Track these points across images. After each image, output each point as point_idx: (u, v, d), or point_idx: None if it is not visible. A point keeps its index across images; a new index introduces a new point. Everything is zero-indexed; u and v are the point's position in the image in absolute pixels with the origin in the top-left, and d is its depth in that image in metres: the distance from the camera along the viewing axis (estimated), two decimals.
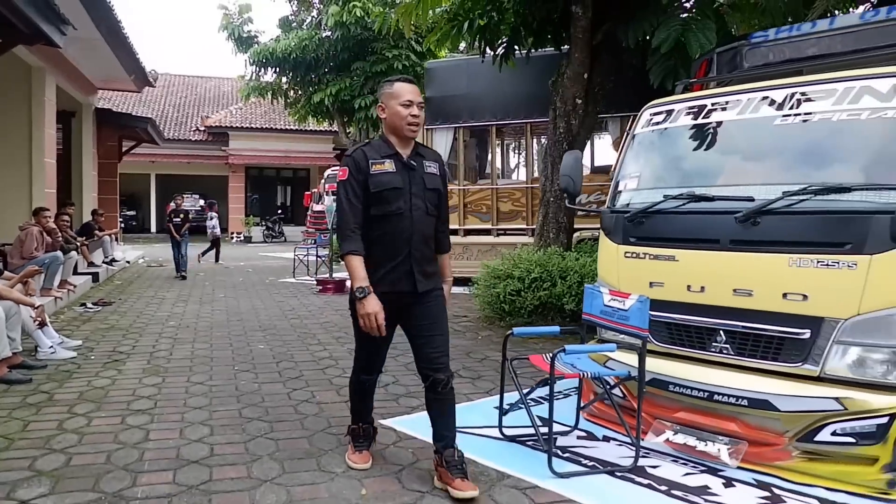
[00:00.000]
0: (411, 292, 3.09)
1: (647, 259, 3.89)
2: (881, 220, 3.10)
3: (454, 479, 2.99)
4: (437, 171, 3.22)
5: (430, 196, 3.15)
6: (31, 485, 3.07)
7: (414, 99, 3.11)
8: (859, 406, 3.09)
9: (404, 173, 3.09)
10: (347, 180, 3.08)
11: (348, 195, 3.06)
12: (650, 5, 6.47)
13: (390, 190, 3.05)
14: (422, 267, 3.11)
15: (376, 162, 3.07)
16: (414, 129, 3.12)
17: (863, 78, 3.45)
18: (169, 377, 5.09)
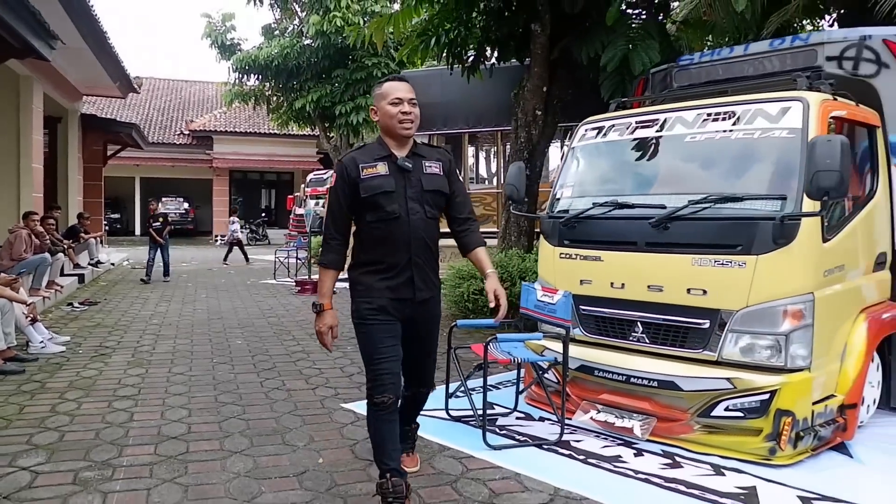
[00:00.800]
0: (411, 300, 2.97)
1: (578, 259, 4.39)
2: (766, 226, 3.62)
3: (401, 454, 3.16)
4: (440, 170, 3.04)
5: (431, 198, 2.98)
6: (29, 456, 3.52)
7: (404, 96, 2.95)
8: (746, 385, 3.62)
9: (398, 176, 2.93)
10: (335, 187, 3.00)
11: (333, 203, 3.01)
12: (601, 25, 6.98)
13: (382, 194, 2.90)
14: (423, 274, 2.97)
15: (367, 166, 2.93)
16: (406, 128, 2.95)
17: (757, 102, 3.98)
18: (152, 368, 5.54)
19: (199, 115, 29.26)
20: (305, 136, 26.25)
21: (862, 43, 4.46)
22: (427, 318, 3.09)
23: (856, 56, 4.47)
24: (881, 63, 4.42)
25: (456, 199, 3.11)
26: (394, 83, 3.03)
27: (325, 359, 5.86)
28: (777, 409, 3.54)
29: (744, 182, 3.91)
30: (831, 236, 3.79)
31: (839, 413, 3.83)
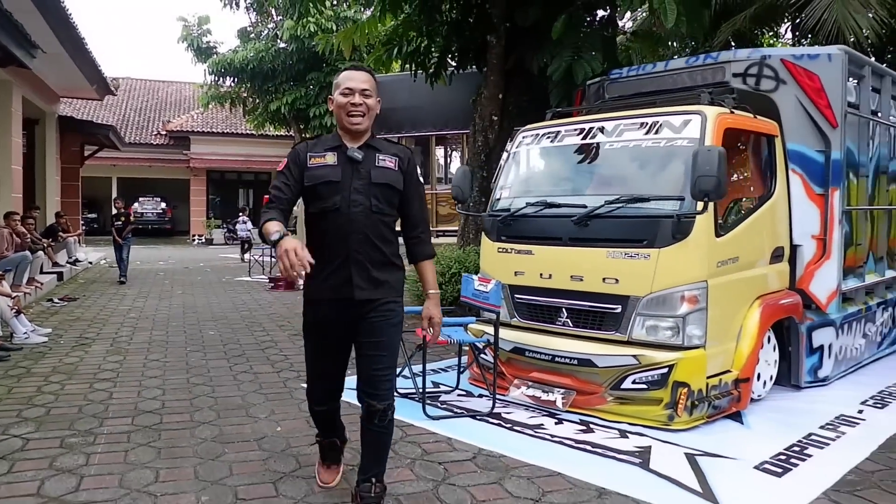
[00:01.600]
0: (351, 300, 2.79)
1: (513, 253, 4.93)
2: (666, 223, 4.18)
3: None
4: (395, 165, 2.87)
5: (378, 192, 2.80)
6: (20, 426, 3.99)
7: (355, 87, 2.80)
8: (649, 361, 4.18)
9: (346, 167, 2.79)
10: (283, 171, 2.87)
11: (277, 185, 2.83)
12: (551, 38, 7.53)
13: (324, 184, 2.78)
14: (364, 272, 2.78)
15: (316, 155, 2.83)
16: (355, 121, 2.79)
17: (664, 115, 4.55)
18: (129, 356, 6.00)
19: (176, 116, 29.50)
20: (282, 137, 26.59)
21: (763, 62, 5.06)
22: (375, 322, 2.83)
23: (757, 73, 5.06)
24: (779, 80, 5.02)
25: (411, 200, 2.94)
26: (349, 72, 2.87)
27: (291, 346, 6.36)
28: (674, 382, 4.10)
29: (651, 185, 4.47)
30: (725, 232, 4.37)
31: (734, 386, 4.40)
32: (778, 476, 3.44)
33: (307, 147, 2.89)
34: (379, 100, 2.91)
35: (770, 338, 4.84)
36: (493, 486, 3.24)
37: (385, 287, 2.86)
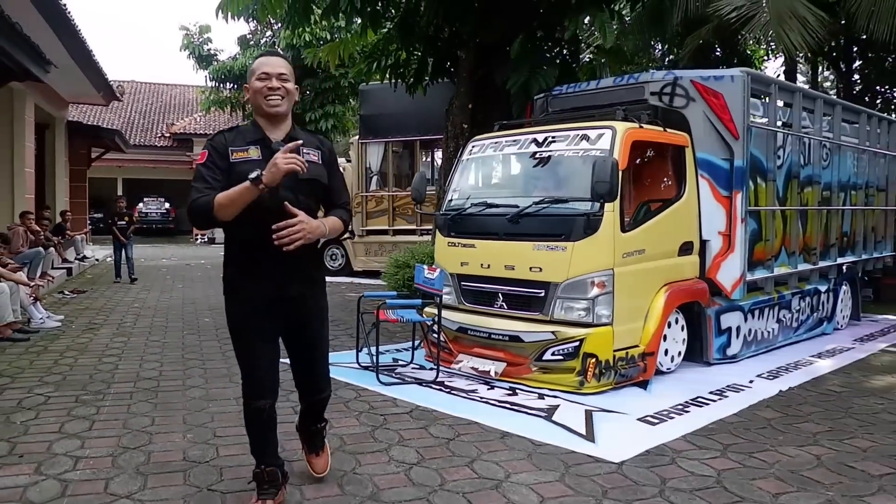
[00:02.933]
0: (281, 296, 2.79)
1: (460, 247, 5.75)
2: (579, 220, 5.00)
3: (310, 454, 3.24)
4: (318, 158, 2.84)
5: (305, 187, 2.76)
6: (42, 388, 4.84)
7: (272, 71, 2.74)
8: (564, 336, 5.00)
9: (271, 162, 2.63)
10: (205, 164, 2.70)
11: (203, 177, 2.68)
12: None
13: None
14: (294, 268, 2.78)
15: (238, 150, 2.71)
16: (274, 104, 2.73)
17: (583, 128, 5.37)
18: (133, 338, 6.85)
19: (179, 118, 30.38)
20: None
21: (675, 82, 5.88)
22: (306, 316, 2.90)
23: (671, 92, 5.88)
24: (689, 98, 5.84)
25: (335, 190, 2.95)
26: (264, 58, 2.83)
27: None
28: (584, 353, 4.92)
29: (570, 188, 5.28)
30: (631, 228, 5.19)
31: (641, 359, 5.22)
32: (652, 425, 4.27)
33: (226, 140, 2.75)
34: (297, 87, 2.88)
35: (678, 319, 5.66)
36: (419, 430, 4.07)
37: (315, 283, 2.94)
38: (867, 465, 3.57)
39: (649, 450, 3.76)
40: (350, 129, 19.98)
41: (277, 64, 2.79)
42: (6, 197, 11.70)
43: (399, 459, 3.57)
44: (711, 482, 3.31)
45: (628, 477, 3.37)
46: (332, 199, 2.96)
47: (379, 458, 3.58)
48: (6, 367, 5.45)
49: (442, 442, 3.86)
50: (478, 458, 3.61)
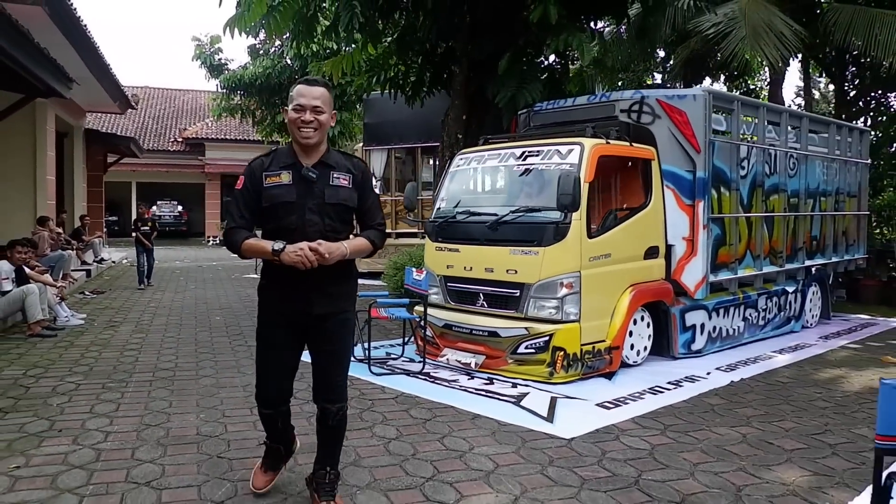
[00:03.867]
0: (308, 314, 2.91)
1: (446, 251, 6.33)
2: (549, 228, 5.57)
3: (320, 502, 3.05)
4: (349, 182, 2.92)
5: (332, 211, 2.88)
6: (72, 377, 5.46)
7: (307, 103, 2.83)
8: (535, 331, 5.57)
9: (300, 186, 2.85)
10: (241, 191, 2.92)
11: (238, 205, 2.92)
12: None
13: (281, 204, 2.84)
14: (320, 288, 2.88)
15: (271, 174, 2.87)
16: (306, 136, 2.84)
17: (556, 144, 5.94)
18: (150, 334, 7.48)
19: (191, 124, 31.15)
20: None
21: (642, 101, 6.44)
22: (330, 333, 2.98)
23: (638, 110, 6.45)
24: (655, 115, 6.40)
25: (364, 209, 3.02)
26: (301, 87, 2.90)
27: None
28: (553, 347, 5.49)
29: (543, 199, 5.84)
30: (598, 234, 5.76)
31: (607, 353, 5.78)
32: (608, 409, 4.84)
33: (262, 165, 2.92)
34: (334, 113, 2.97)
35: (644, 317, 6.22)
36: (401, 412, 4.66)
37: (340, 299, 3.00)
38: (784, 441, 4.13)
39: (598, 429, 4.33)
40: (357, 134, 20.59)
41: (313, 95, 2.86)
42: (29, 203, 12.39)
43: (381, 435, 4.16)
44: (644, 454, 3.88)
45: (574, 450, 3.94)
46: (364, 220, 3.05)
47: (363, 434, 4.17)
48: (39, 360, 6.09)
49: (419, 422, 4.45)
50: (448, 434, 4.19)
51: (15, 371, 5.66)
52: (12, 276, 7.29)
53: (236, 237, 2.90)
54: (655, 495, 3.30)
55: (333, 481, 3.07)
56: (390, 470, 3.61)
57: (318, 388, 3.06)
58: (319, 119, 2.85)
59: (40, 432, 4.11)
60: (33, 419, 4.37)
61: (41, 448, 3.84)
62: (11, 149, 12.17)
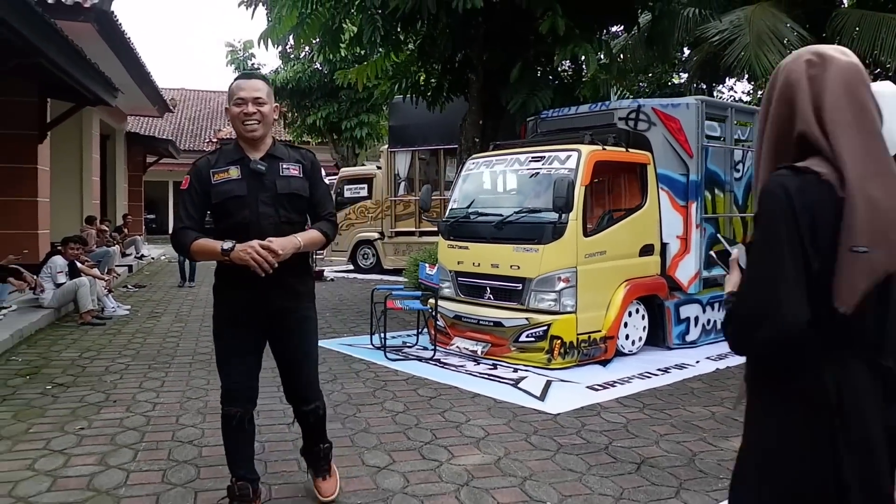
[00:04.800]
0: (263, 310, 2.84)
1: (457, 248, 6.91)
2: (548, 227, 6.11)
3: (316, 479, 3.18)
4: (299, 172, 2.90)
5: (286, 202, 2.85)
6: (121, 360, 6.16)
7: (247, 96, 2.80)
8: (535, 321, 6.12)
9: (251, 179, 2.81)
10: (188, 191, 2.85)
11: (185, 205, 2.85)
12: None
13: (232, 199, 2.79)
14: (277, 282, 2.75)
15: (219, 171, 2.81)
16: (251, 130, 2.80)
17: (556, 150, 6.47)
18: (189, 324, 8.19)
19: (225, 125, 32.10)
20: (320, 144, 28.94)
21: (638, 109, 6.94)
22: (290, 329, 2.94)
23: (635, 118, 6.95)
24: (651, 122, 6.89)
25: (319, 200, 3.00)
26: (239, 81, 2.87)
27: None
28: (551, 336, 6.03)
29: (542, 201, 6.38)
30: (594, 233, 6.27)
31: (602, 342, 6.30)
32: (596, 391, 5.36)
33: (209, 163, 2.86)
34: (276, 106, 2.94)
35: (639, 309, 6.72)
36: (410, 391, 5.25)
37: (300, 296, 2.95)
38: None
39: (583, 406, 4.87)
40: (383, 136, 21.27)
41: (253, 88, 2.83)
42: (76, 202, 13.28)
43: (389, 409, 4.76)
44: (619, 427, 4.42)
45: (557, 422, 4.49)
46: (315, 210, 3.00)
47: (374, 408, 4.77)
48: (91, 344, 6.82)
49: (425, 399, 5.03)
50: (449, 409, 4.77)
51: (72, 353, 6.39)
52: (66, 269, 8.06)
53: (184, 238, 2.80)
54: (619, 458, 3.84)
55: (327, 452, 3.21)
56: (395, 436, 4.19)
57: (288, 389, 3.04)
58: (262, 111, 2.82)
59: (98, 402, 4.79)
60: (91, 392, 5.06)
61: (100, 414, 4.52)
62: (59, 152, 13.01)
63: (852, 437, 1.47)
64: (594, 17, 9.26)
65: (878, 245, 1.41)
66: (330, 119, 19.76)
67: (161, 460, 3.74)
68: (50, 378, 5.46)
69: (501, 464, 3.75)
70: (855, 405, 1.48)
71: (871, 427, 1.49)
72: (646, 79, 17.85)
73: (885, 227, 1.42)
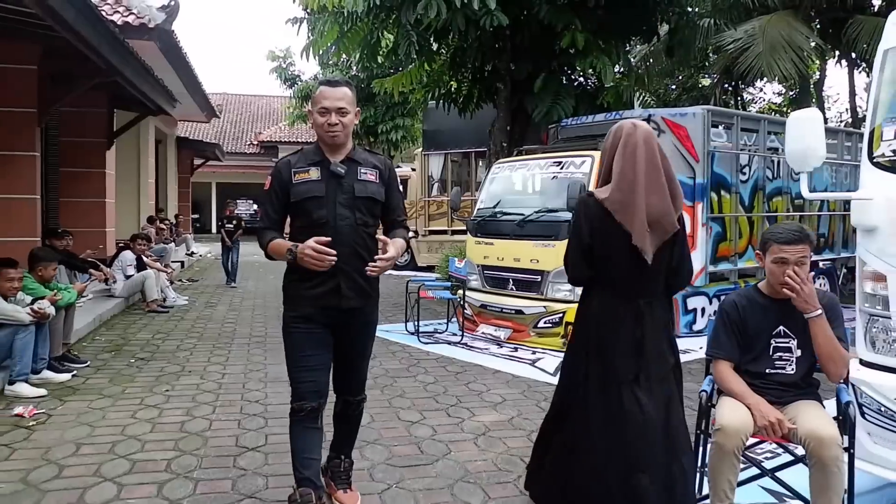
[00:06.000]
0: (338, 308, 2.90)
1: (483, 245, 7.66)
2: (564, 225, 6.80)
3: (337, 490, 3.15)
4: (376, 178, 2.99)
5: (363, 205, 2.94)
6: (189, 340, 7.06)
7: (331, 106, 2.85)
8: (552, 309, 6.84)
9: (330, 181, 2.90)
10: (269, 191, 2.97)
11: (266, 206, 3.00)
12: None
13: (310, 199, 2.89)
14: (351, 282, 2.89)
15: (300, 171, 2.91)
16: (333, 138, 2.89)
17: (573, 156, 7.18)
18: (242, 312, 9.09)
19: (266, 127, 33.36)
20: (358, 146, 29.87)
21: (649, 118, 7.58)
22: (357, 327, 3.03)
23: None
24: (660, 130, 7.53)
25: (389, 205, 3.08)
26: (324, 89, 2.92)
27: None
28: (566, 322, 6.75)
29: (559, 201, 7.08)
30: None
31: None
32: None
33: (290, 164, 2.95)
34: (358, 111, 2.98)
35: None
36: (440, 368, 6.03)
37: (368, 296, 3.02)
38: None
39: None
40: (418, 138, 22.10)
41: (336, 97, 2.87)
42: (134, 202, 14.35)
43: (421, 381, 5.54)
44: None
45: None
46: (389, 215, 3.11)
47: (408, 380, 5.56)
48: (160, 328, 7.75)
49: (452, 374, 5.81)
50: (473, 381, 5.53)
51: (145, 335, 7.31)
52: (135, 263, 9.02)
53: (263, 238, 2.97)
54: None
55: (348, 469, 3.20)
56: (425, 400, 4.97)
57: (342, 382, 3.13)
58: (343, 121, 2.88)
59: (176, 372, 5.67)
60: (169, 364, 5.95)
61: (179, 381, 5.39)
62: (120, 157, 14.10)
63: (599, 336, 2.88)
64: (614, 31, 9.93)
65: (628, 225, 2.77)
66: (367, 123, 20.61)
67: (235, 413, 4.58)
68: (132, 354, 6.37)
69: (514, 421, 4.50)
70: (602, 318, 2.88)
71: (606, 334, 2.85)
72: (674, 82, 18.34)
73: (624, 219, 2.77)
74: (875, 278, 3.09)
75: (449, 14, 8.33)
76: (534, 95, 10.17)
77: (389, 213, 3.11)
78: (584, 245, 2.91)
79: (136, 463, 3.67)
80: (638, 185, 2.76)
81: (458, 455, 3.87)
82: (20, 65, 7.26)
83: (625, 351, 2.82)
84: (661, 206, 2.78)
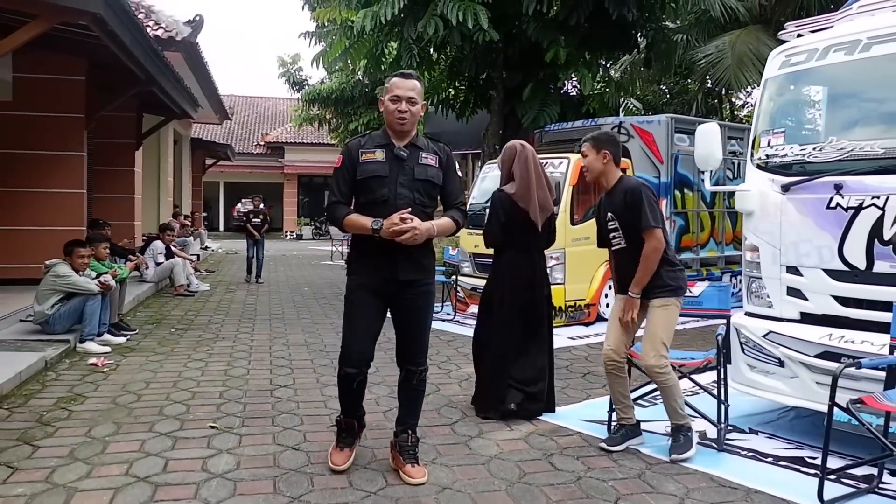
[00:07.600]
0: (394, 280, 3.11)
1: (474, 235, 8.70)
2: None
3: (405, 465, 3.26)
4: (436, 162, 3.20)
5: (422, 186, 3.15)
6: (217, 317, 8.11)
7: (402, 94, 3.10)
8: None
9: (393, 163, 3.11)
10: (340, 168, 3.19)
11: (338, 181, 3.19)
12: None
13: (374, 178, 3.10)
14: (408, 256, 3.10)
15: (367, 151, 3.13)
16: (402, 124, 3.11)
17: (552, 158, 8.22)
18: (260, 297, 10.16)
19: (272, 129, 34.41)
20: None
21: (620, 124, 8.66)
22: (413, 298, 3.22)
23: (617, 132, 8.66)
24: (630, 135, 8.61)
25: (451, 189, 3.29)
26: (397, 80, 3.16)
27: None
28: None
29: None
30: (579, 223, 8.01)
31: (585, 308, 8.04)
32: (572, 340, 7.12)
33: (359, 144, 3.21)
34: (423, 104, 3.24)
35: None
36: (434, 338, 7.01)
37: (424, 270, 3.23)
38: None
39: (562, 347, 6.63)
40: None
41: (408, 87, 3.14)
42: (155, 199, 15.43)
43: None
44: (582, 358, 6.19)
45: None
46: (447, 199, 3.33)
47: None
48: (189, 308, 8.82)
49: (444, 342, 6.89)
50: (461, 347, 6.60)
51: (178, 313, 8.39)
52: (164, 251, 10.09)
53: (338, 212, 3.20)
54: (573, 371, 5.62)
55: (415, 444, 3.33)
56: None
57: (403, 352, 3.33)
58: (412, 110, 3.14)
59: (211, 339, 6.74)
60: (204, 333, 7.03)
61: (216, 345, 6.46)
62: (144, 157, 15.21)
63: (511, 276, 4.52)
64: (595, 45, 10.99)
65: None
66: (371, 125, 21.67)
67: (266, 364, 5.67)
68: (171, 325, 7.44)
69: None
70: (511, 266, 4.51)
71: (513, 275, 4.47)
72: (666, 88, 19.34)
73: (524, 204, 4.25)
74: (752, 249, 4.14)
75: (446, 31, 9.38)
76: (523, 103, 11.24)
77: (447, 197, 3.34)
78: (501, 221, 4.50)
79: (196, 394, 4.74)
80: (531, 183, 4.43)
81: (445, 392, 4.93)
82: (71, 76, 8.33)
83: (524, 285, 4.49)
84: (545, 195, 4.51)
